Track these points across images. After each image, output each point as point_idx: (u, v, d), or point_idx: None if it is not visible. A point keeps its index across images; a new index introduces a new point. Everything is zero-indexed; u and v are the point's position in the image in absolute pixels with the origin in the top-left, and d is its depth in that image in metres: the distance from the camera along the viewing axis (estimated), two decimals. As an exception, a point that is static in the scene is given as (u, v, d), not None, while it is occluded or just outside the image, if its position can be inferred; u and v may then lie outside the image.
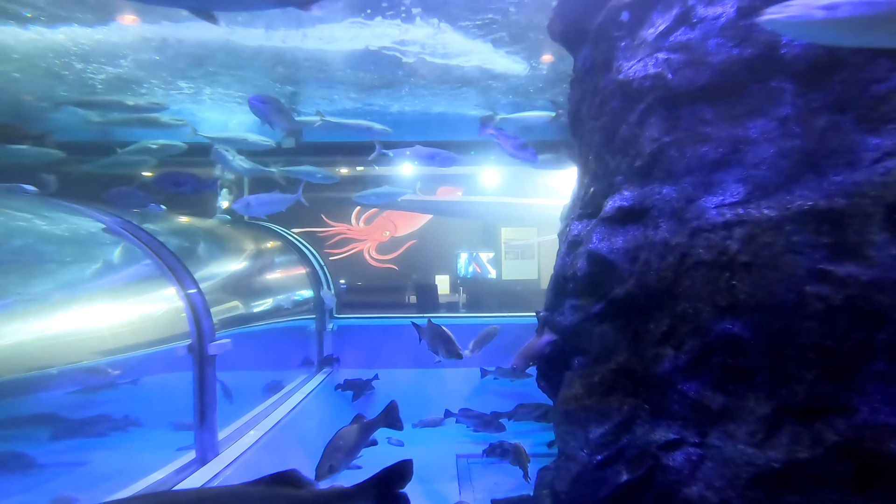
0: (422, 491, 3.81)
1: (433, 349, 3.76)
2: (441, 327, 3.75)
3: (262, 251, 5.43)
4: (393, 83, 5.37)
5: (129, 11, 4.04)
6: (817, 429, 2.14)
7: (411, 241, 10.31)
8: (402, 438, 4.68)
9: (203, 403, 2.84)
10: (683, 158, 2.59)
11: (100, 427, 2.44)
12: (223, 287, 3.89)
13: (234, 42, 4.48)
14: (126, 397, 2.61)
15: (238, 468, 2.85)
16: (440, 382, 5.38)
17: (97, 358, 2.37)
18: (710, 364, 2.40)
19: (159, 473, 2.55)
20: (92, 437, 2.41)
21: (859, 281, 2.08)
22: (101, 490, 2.29)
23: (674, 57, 2.64)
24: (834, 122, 2.30)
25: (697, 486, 2.33)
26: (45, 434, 2.15)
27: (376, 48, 4.56)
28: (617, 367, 2.71)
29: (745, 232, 2.35)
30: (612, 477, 2.54)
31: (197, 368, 2.84)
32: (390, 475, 1.81)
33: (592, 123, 3.19)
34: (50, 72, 4.90)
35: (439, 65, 4.91)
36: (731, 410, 2.32)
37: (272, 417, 3.71)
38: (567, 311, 3.17)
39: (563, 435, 2.82)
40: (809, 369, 2.16)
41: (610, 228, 2.88)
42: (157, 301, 2.95)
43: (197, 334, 2.86)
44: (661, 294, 2.56)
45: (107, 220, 3.00)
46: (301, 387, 4.75)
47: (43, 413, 2.14)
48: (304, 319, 5.48)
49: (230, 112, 6.12)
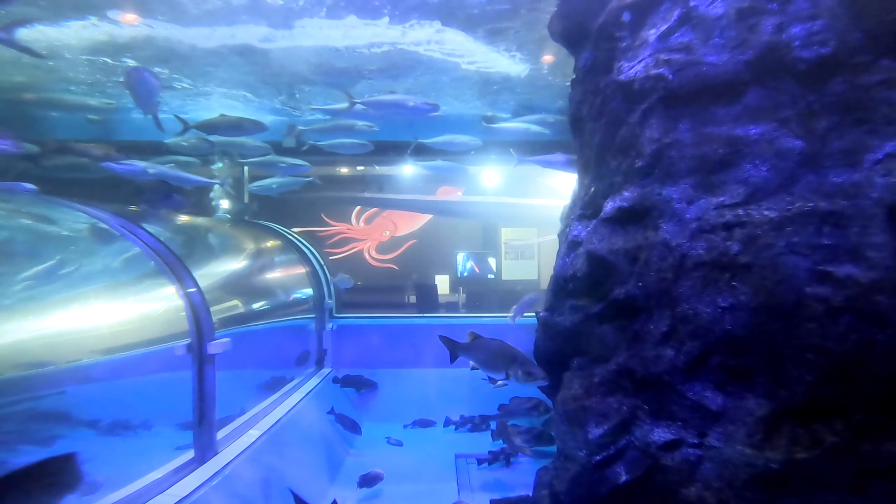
0: (421, 491, 3.81)
1: (490, 370, 2.93)
2: (499, 341, 3.00)
3: (262, 250, 5.42)
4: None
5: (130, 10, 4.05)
6: (816, 430, 2.14)
7: (411, 240, 10.30)
8: (401, 439, 4.69)
9: (202, 402, 2.84)
10: (684, 159, 2.59)
11: (98, 426, 2.44)
12: (223, 286, 3.89)
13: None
14: (125, 396, 2.60)
15: (237, 467, 2.85)
16: (440, 382, 5.38)
17: (96, 356, 2.37)
18: (710, 365, 2.40)
19: (157, 473, 2.54)
20: (90, 435, 2.40)
21: (859, 282, 2.08)
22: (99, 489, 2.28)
23: (675, 57, 2.64)
24: (834, 123, 2.30)
25: (696, 486, 2.33)
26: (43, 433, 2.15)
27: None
28: (616, 367, 2.71)
29: (745, 233, 2.35)
30: (611, 477, 2.54)
31: (196, 367, 2.84)
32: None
33: (593, 124, 3.19)
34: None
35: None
36: (731, 411, 2.32)
37: (271, 416, 3.71)
38: (567, 312, 3.17)
39: (563, 435, 2.81)
40: (809, 370, 2.16)
41: (610, 229, 2.88)
42: (157, 300, 2.95)
43: (196, 333, 2.85)
44: (661, 295, 2.56)
45: (106, 219, 3.00)
46: (300, 386, 4.75)
47: (41, 412, 2.14)
48: (304, 319, 5.48)
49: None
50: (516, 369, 2.76)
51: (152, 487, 2.40)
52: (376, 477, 3.73)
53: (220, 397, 2.94)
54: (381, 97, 5.11)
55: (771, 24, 2.44)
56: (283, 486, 3.26)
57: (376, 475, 3.73)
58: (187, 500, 2.38)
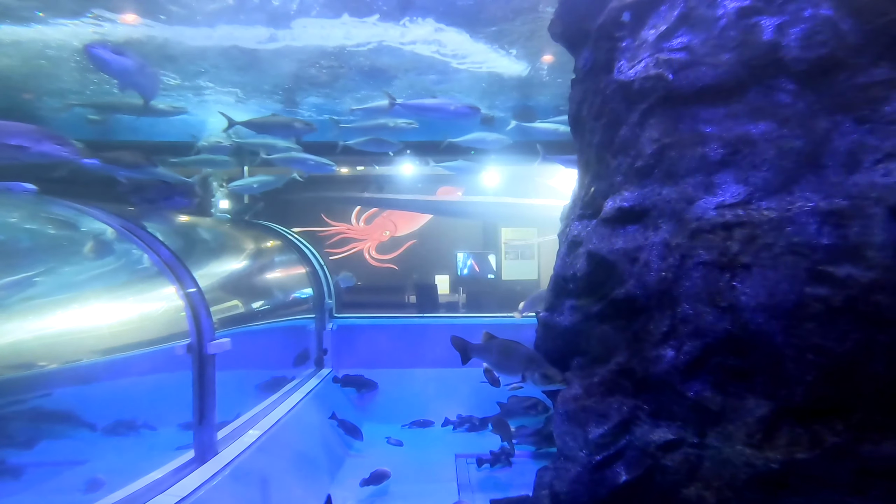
0: (421, 491, 3.81)
1: (505, 372, 2.76)
2: (515, 342, 2.84)
3: (262, 250, 5.42)
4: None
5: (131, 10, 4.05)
6: (816, 430, 2.14)
7: (411, 240, 10.31)
8: (401, 438, 4.69)
9: (202, 403, 2.84)
10: (684, 159, 2.59)
11: (98, 426, 2.44)
12: (223, 286, 3.89)
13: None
14: (125, 396, 2.60)
15: (237, 468, 2.85)
16: (440, 382, 5.38)
17: (96, 357, 2.37)
18: (710, 365, 2.40)
19: (157, 473, 2.54)
20: (90, 435, 2.40)
21: (859, 282, 2.09)
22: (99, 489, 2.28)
23: (675, 58, 2.64)
24: (835, 123, 2.30)
25: (696, 486, 2.34)
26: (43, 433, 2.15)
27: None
28: (616, 367, 2.71)
29: (745, 233, 2.35)
30: (611, 477, 2.54)
31: (196, 368, 2.84)
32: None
33: (593, 123, 3.19)
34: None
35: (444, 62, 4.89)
36: (730, 411, 2.32)
37: (271, 417, 3.71)
38: (567, 312, 3.17)
39: (563, 435, 2.81)
40: (809, 370, 2.16)
41: (610, 229, 2.88)
42: (157, 300, 2.94)
43: (196, 333, 2.85)
44: (661, 295, 2.56)
45: (106, 219, 3.00)
46: (300, 386, 4.75)
47: (41, 412, 2.14)
48: (304, 319, 5.48)
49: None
50: (533, 371, 2.62)
51: (152, 487, 2.40)
52: (383, 475, 3.75)
53: (220, 397, 2.94)
54: (423, 100, 5.01)
55: (771, 24, 2.44)
56: (283, 485, 3.26)
57: (383, 473, 3.75)
58: (187, 500, 2.38)
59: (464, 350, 2.98)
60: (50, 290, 2.40)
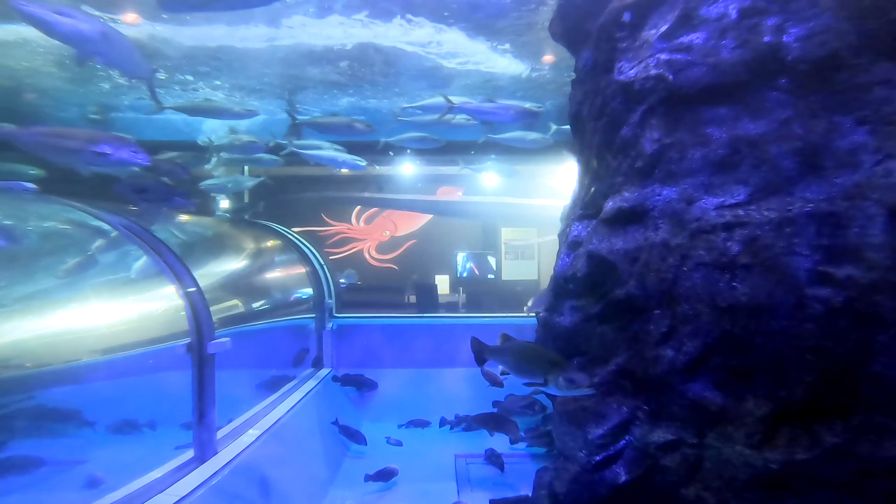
0: (420, 491, 3.81)
1: (524, 375, 2.60)
2: (534, 344, 2.72)
3: (262, 250, 5.42)
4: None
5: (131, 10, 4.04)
6: (815, 430, 2.14)
7: (411, 240, 10.30)
8: (400, 438, 4.69)
9: (202, 402, 2.84)
10: (684, 159, 2.59)
11: (98, 425, 2.44)
12: (223, 286, 3.89)
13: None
14: (125, 396, 2.60)
15: (236, 467, 2.85)
16: (439, 382, 5.38)
17: (96, 356, 2.37)
18: (710, 365, 2.40)
19: (157, 472, 2.54)
20: (90, 434, 2.41)
21: (859, 283, 2.09)
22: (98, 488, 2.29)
23: (675, 58, 2.64)
24: (835, 123, 2.30)
25: (695, 486, 2.34)
26: (43, 432, 2.15)
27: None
28: (616, 368, 2.71)
29: (745, 233, 2.35)
30: (610, 478, 2.54)
31: (196, 367, 2.84)
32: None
33: (593, 124, 3.19)
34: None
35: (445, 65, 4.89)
36: (730, 412, 2.32)
37: (271, 416, 3.71)
38: (567, 312, 3.17)
39: (562, 436, 2.82)
40: (808, 371, 2.16)
41: (610, 229, 2.88)
42: (157, 299, 2.95)
43: (196, 333, 2.85)
44: (661, 295, 2.56)
45: (107, 218, 3.00)
46: (300, 385, 4.75)
47: (41, 411, 2.14)
48: (304, 318, 5.48)
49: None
50: (557, 375, 2.39)
51: (152, 487, 2.40)
52: (391, 472, 3.77)
53: (220, 397, 2.94)
54: (481, 103, 4.81)
55: (771, 24, 2.44)
56: (283, 485, 3.26)
57: (391, 470, 3.77)
58: (187, 499, 2.38)
59: (479, 352, 2.84)
60: (50, 289, 2.40)
